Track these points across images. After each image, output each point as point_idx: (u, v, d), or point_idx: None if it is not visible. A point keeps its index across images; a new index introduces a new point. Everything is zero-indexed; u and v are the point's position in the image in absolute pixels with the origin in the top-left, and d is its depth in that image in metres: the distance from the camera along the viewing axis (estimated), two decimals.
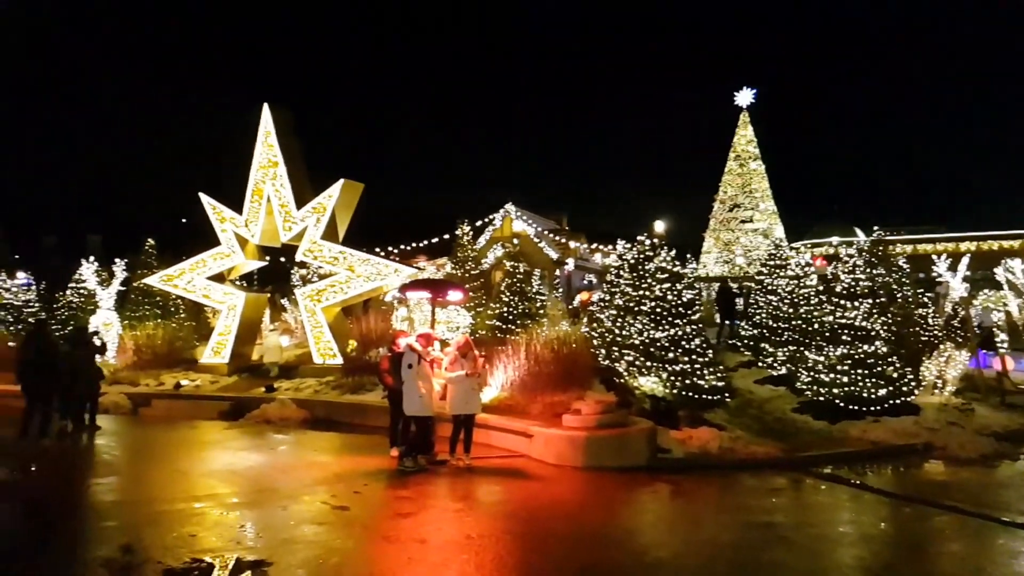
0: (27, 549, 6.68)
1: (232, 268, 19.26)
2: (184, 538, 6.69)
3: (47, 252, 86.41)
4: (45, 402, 12.34)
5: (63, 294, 24.67)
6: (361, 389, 15.49)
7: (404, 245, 37.12)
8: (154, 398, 16.68)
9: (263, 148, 18.64)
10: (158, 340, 19.79)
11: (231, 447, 12.18)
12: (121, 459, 11.57)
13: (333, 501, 8.23)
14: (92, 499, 8.85)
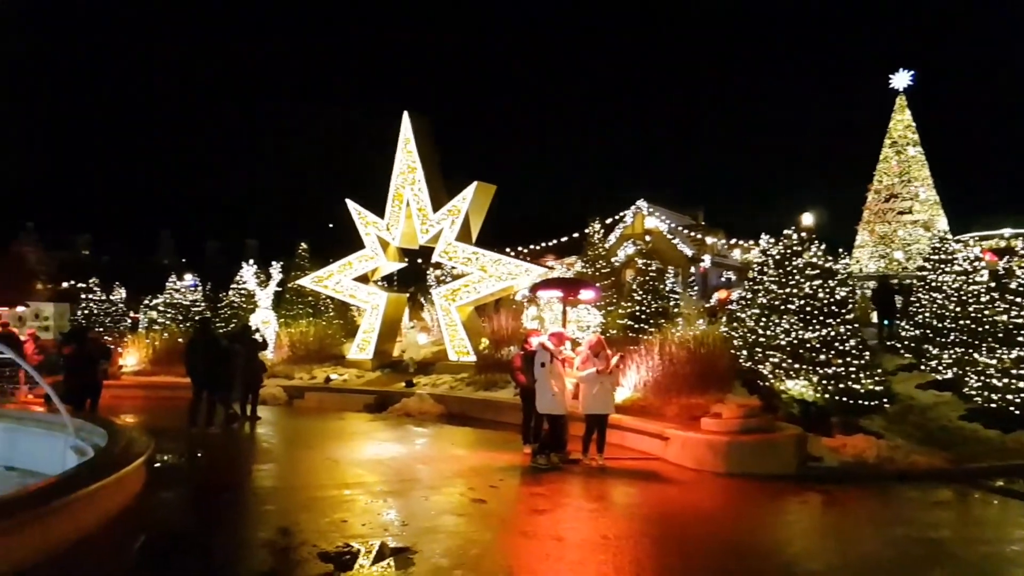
0: (197, 528, 7.31)
1: (375, 269, 20.28)
2: (336, 523, 7.07)
3: (211, 256, 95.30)
4: (211, 393, 13.48)
5: (226, 294, 26.92)
6: (493, 386, 15.78)
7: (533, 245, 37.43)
8: (307, 391, 17.84)
9: (403, 155, 19.47)
10: (310, 337, 21.22)
11: (376, 438, 12.78)
12: (278, 447, 12.47)
13: (471, 494, 8.41)
14: (253, 484, 9.57)
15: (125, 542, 6.48)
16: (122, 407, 15.41)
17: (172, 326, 24.49)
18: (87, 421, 10.21)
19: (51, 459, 10.26)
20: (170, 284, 26.72)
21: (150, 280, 45.75)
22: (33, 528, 5.54)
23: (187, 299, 26.33)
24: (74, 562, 5.78)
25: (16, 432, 11.80)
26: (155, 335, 22.93)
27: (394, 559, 6.01)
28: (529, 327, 16.71)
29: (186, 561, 6.07)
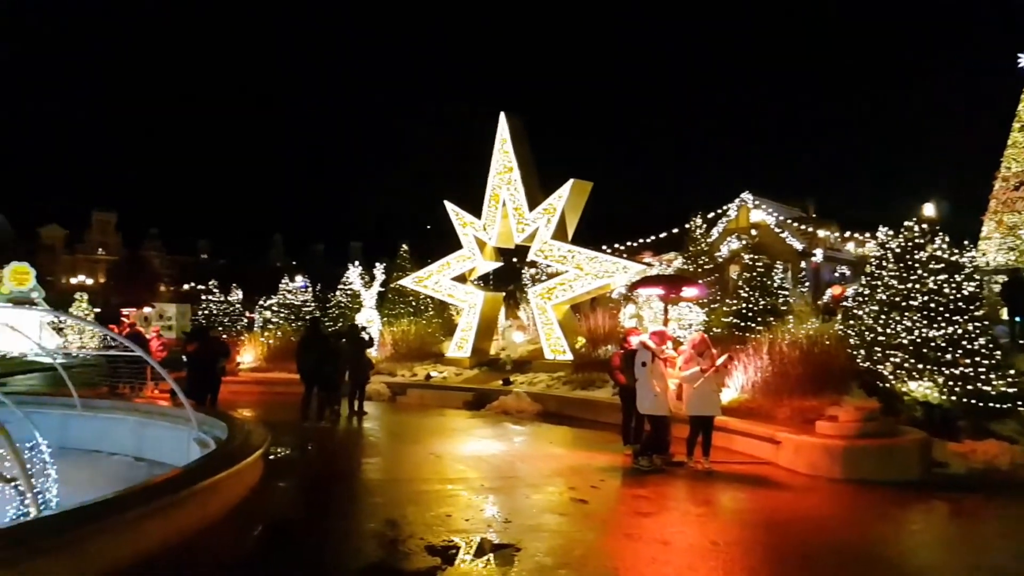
0: (311, 518, 7.60)
1: (472, 269, 20.57)
2: (441, 517, 7.18)
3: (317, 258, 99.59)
4: (321, 389, 14.03)
5: (333, 295, 28.06)
6: (591, 385, 15.65)
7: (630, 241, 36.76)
8: (408, 387, 18.32)
9: (499, 155, 19.65)
10: (411, 335, 21.80)
11: (476, 435, 12.93)
12: (384, 441, 12.83)
13: (572, 493, 8.33)
14: (362, 476, 9.89)
15: (245, 530, 6.83)
16: (239, 402, 16.30)
17: (285, 325, 25.75)
18: (208, 415, 10.84)
19: (176, 451, 10.98)
20: (282, 285, 28.12)
21: (263, 282, 48.37)
22: (164, 515, 5.91)
23: (298, 299, 27.61)
24: (200, 548, 6.12)
25: (145, 426, 12.71)
26: (269, 334, 24.18)
27: (499, 555, 6.03)
28: (627, 326, 16.44)
29: (301, 549, 6.31)
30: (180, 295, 74.01)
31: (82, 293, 49.26)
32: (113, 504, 5.50)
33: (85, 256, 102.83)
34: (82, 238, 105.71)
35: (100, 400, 14.40)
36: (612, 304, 21.81)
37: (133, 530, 5.49)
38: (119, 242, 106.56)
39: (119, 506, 5.50)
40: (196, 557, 5.95)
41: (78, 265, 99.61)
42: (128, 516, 5.42)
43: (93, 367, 19.73)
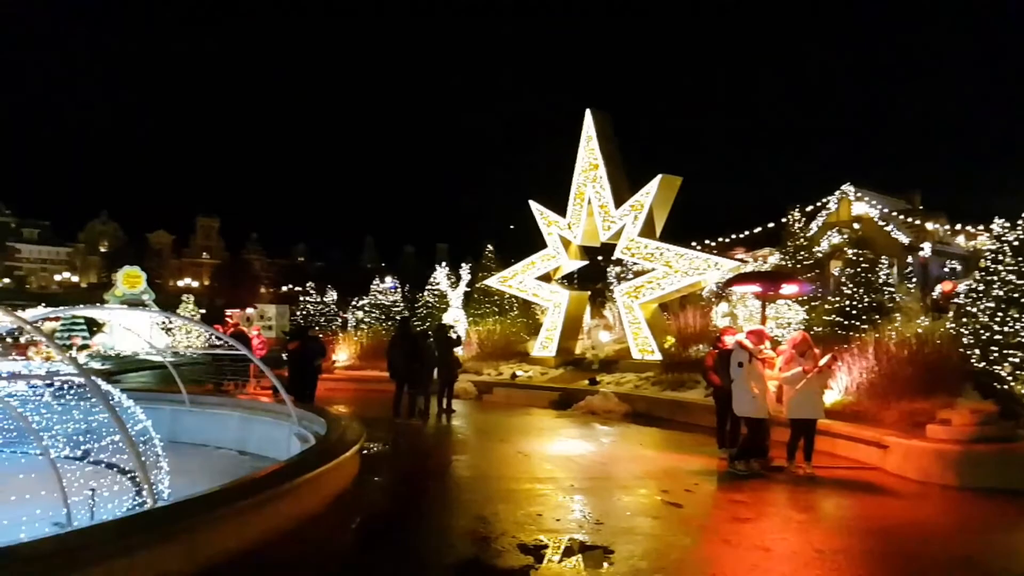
0: (406, 512, 7.74)
1: (557, 268, 20.51)
2: (532, 516, 7.16)
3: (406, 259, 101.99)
4: (412, 387, 14.31)
5: (421, 295, 28.64)
6: (681, 386, 15.28)
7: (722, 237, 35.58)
8: (495, 386, 18.44)
9: (585, 152, 19.50)
10: (496, 335, 21.96)
11: (563, 435, 12.86)
12: (472, 439, 12.95)
13: (665, 496, 8.14)
14: (452, 473, 10.00)
15: (345, 522, 7.04)
16: (334, 398, 16.83)
17: (376, 325, 26.49)
18: (308, 411, 11.23)
19: (278, 445, 11.42)
20: (373, 287, 28.93)
21: (355, 283, 49.94)
22: (269, 507, 6.14)
23: (388, 300, 28.32)
24: (303, 538, 6.34)
25: (248, 421, 13.29)
26: (362, 333, 24.93)
27: (591, 557, 5.95)
28: (720, 324, 15.96)
29: (398, 543, 6.43)
30: (279, 296, 77.38)
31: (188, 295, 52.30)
32: (221, 496, 5.76)
33: (191, 260, 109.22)
34: (188, 243, 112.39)
35: (207, 396, 15.15)
36: (703, 302, 21.25)
37: (240, 520, 5.72)
38: (222, 246, 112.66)
39: (227, 498, 5.76)
40: (299, 547, 6.16)
41: (184, 268, 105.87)
42: (235, 507, 5.66)
43: (200, 365, 20.88)
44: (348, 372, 22.19)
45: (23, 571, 4.00)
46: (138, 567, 4.74)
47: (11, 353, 18.57)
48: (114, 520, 5.86)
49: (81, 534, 4.83)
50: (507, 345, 21.86)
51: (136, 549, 4.78)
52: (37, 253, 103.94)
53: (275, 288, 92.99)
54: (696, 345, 16.66)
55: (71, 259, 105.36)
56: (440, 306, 26.13)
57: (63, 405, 7.69)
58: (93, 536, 4.71)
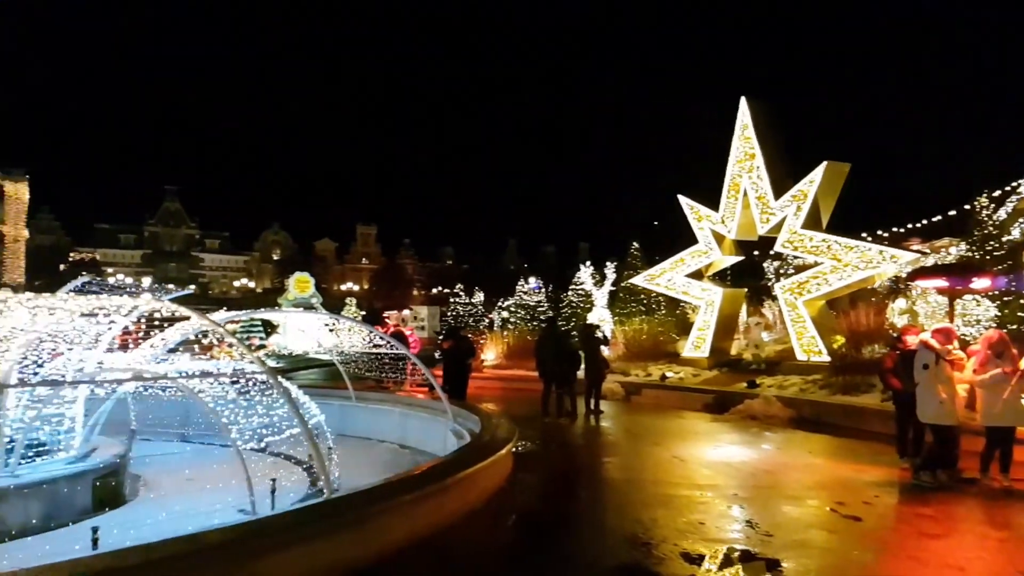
0: (562, 512, 7.70)
1: (709, 264, 19.74)
2: (694, 524, 6.86)
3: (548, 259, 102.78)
4: (559, 386, 14.31)
5: (565, 295, 28.69)
6: (853, 389, 14.16)
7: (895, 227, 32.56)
8: (643, 387, 18.06)
9: (740, 142, 18.64)
10: (643, 335, 21.52)
11: (721, 440, 12.31)
12: (622, 441, 12.73)
13: (840, 508, 7.52)
14: (605, 475, 9.86)
15: (501, 519, 7.11)
16: (484, 396, 17.20)
17: (521, 325, 26.85)
18: (462, 408, 11.52)
19: (434, 440, 11.81)
20: (518, 287, 29.38)
21: (499, 284, 51.06)
22: (433, 500, 6.32)
23: (532, 300, 28.64)
24: (463, 533, 6.47)
25: (407, 417, 13.85)
26: (508, 333, 25.38)
27: (761, 570, 5.59)
28: (898, 322, 14.62)
29: (554, 543, 6.39)
30: (430, 298, 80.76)
31: (351, 298, 55.94)
32: (391, 488, 6.00)
33: (351, 266, 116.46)
34: (349, 249, 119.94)
35: (370, 393, 15.99)
36: (876, 298, 19.58)
37: (408, 512, 5.93)
38: (379, 252, 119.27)
39: (396, 490, 5.98)
40: (460, 541, 6.29)
41: (346, 274, 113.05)
42: (403, 500, 5.87)
43: (362, 363, 22.12)
44: (495, 371, 22.66)
45: (213, 556, 4.34)
46: (316, 554, 5.02)
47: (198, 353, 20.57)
48: (294, 509, 6.27)
49: (264, 522, 5.18)
50: (655, 345, 21.37)
51: (314, 537, 5.06)
52: (218, 262, 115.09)
53: (426, 290, 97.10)
54: (870, 345, 15.39)
55: (248, 266, 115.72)
56: (584, 306, 26.02)
57: (248, 401, 8.34)
58: (276, 524, 5.03)
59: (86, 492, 8.76)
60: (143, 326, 9.52)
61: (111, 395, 10.00)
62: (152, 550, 4.01)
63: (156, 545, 4.08)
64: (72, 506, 8.47)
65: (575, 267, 28.13)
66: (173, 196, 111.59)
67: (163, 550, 4.06)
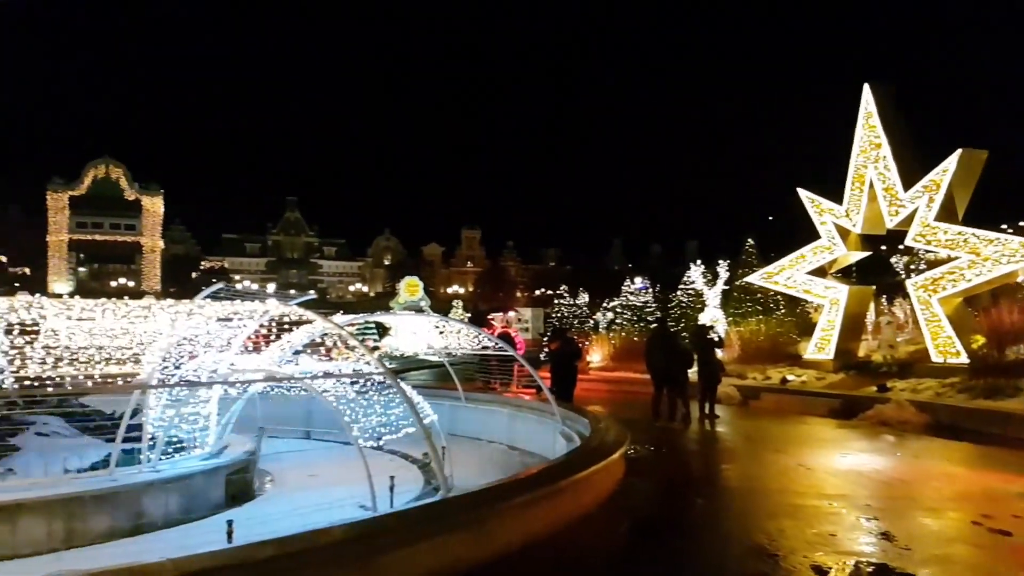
0: (676, 519, 7.45)
1: (832, 261, 18.69)
2: (824, 536, 6.45)
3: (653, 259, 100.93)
4: (670, 389, 13.93)
5: (674, 295, 27.98)
6: (997, 393, 13.03)
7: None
8: (762, 391, 17.30)
9: (864, 131, 17.58)
10: (760, 335, 20.64)
11: (849, 447, 11.58)
12: (741, 447, 12.22)
13: (986, 522, 6.87)
14: (723, 482, 9.48)
15: (615, 524, 6.96)
16: (590, 398, 17.02)
17: (628, 326, 26.43)
18: (570, 410, 11.43)
19: (543, 442, 11.78)
20: (624, 287, 28.95)
21: (603, 285, 50.60)
22: (548, 502, 6.27)
23: (639, 301, 28.14)
24: (577, 537, 6.37)
25: (515, 418, 13.92)
26: (614, 334, 25.05)
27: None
28: None
29: (674, 551, 6.19)
30: (533, 300, 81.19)
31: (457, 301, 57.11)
32: (508, 489, 6.00)
33: (457, 269, 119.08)
34: (454, 253, 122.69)
35: (478, 393, 16.21)
36: (1022, 295, 17.87)
37: (522, 514, 5.90)
38: (483, 255, 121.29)
39: (511, 491, 5.98)
40: (574, 544, 6.20)
41: (452, 277, 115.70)
42: (518, 501, 5.85)
43: (470, 365, 22.46)
44: (602, 373, 22.42)
45: (341, 550, 4.47)
46: (436, 552, 5.08)
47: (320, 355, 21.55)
48: (416, 507, 6.40)
49: (389, 519, 5.30)
50: (774, 347, 20.44)
51: (434, 535, 5.12)
52: (335, 268, 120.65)
53: (529, 292, 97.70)
54: (1015, 345, 14.08)
55: (361, 272, 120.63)
56: (695, 306, 25.27)
57: (368, 400, 8.62)
58: (399, 522, 5.14)
59: (219, 487, 9.33)
60: (275, 329, 10.04)
61: (242, 395, 10.60)
62: (284, 543, 4.17)
63: (288, 539, 4.25)
64: (207, 500, 9.05)
65: (683, 266, 27.46)
66: (294, 206, 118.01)
67: (294, 544, 4.22)
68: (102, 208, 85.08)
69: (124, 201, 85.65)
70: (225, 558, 3.96)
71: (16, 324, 7.88)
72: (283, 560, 4.05)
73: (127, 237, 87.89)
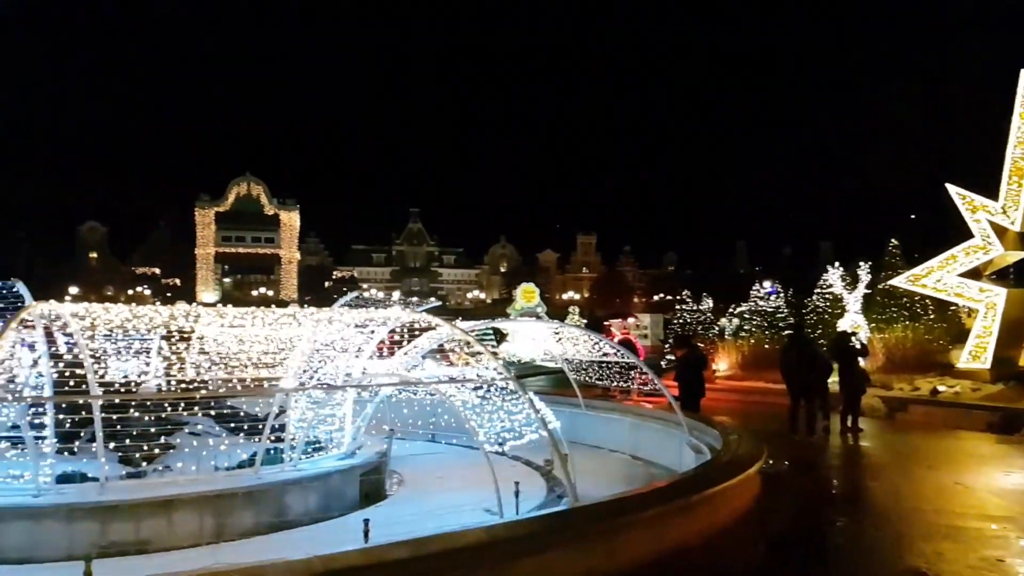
0: (820, 539, 7.00)
1: (988, 262, 17.05)
2: (991, 562, 5.86)
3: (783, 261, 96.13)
4: (808, 400, 13.12)
5: (809, 299, 26.47)
6: None
7: None
8: (910, 403, 16.01)
9: (1021, 120, 15.94)
10: (907, 343, 19.14)
11: (1013, 465, 10.46)
12: (888, 463, 11.34)
13: None
14: (869, 500, 8.84)
15: (752, 542, 6.60)
16: (718, 409, 16.34)
17: (757, 333, 25.27)
18: (699, 421, 11.01)
19: (668, 453, 11.43)
20: (752, 292, 27.73)
21: (727, 289, 48.81)
22: (679, 517, 6.05)
23: (769, 306, 26.86)
24: (711, 555, 6.09)
25: (638, 427, 13.59)
26: (743, 341, 24.02)
27: None
28: None
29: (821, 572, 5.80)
30: (651, 306, 79.63)
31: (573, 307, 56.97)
32: (637, 501, 5.84)
33: (572, 275, 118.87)
34: (569, 259, 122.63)
35: (598, 401, 15.98)
36: None
37: (653, 528, 5.73)
38: (598, 261, 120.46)
39: (642, 503, 5.81)
40: (707, 562, 5.94)
41: (567, 283, 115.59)
42: (649, 514, 5.67)
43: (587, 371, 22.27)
44: (729, 382, 21.53)
45: (475, 555, 4.49)
46: (566, 561, 5.01)
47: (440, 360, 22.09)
48: (545, 515, 6.36)
49: (517, 526, 5.29)
50: (922, 355, 18.89)
51: (565, 545, 5.06)
52: (454, 275, 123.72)
53: (647, 297, 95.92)
54: None
55: (479, 279, 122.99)
56: (833, 311, 23.76)
57: (492, 405, 8.69)
58: (531, 529, 5.11)
59: (354, 486, 9.70)
60: (405, 335, 10.36)
61: (373, 398, 11.00)
62: (421, 545, 4.24)
63: (424, 540, 4.31)
64: (342, 499, 9.42)
65: (816, 268, 25.95)
66: (416, 217, 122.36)
67: (430, 546, 4.28)
68: (244, 223, 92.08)
69: (264, 216, 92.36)
70: (368, 557, 4.08)
71: (175, 331, 8.56)
72: (419, 562, 4.12)
73: (267, 249, 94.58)
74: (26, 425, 8.12)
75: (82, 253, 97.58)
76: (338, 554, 3.95)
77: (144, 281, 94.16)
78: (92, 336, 8.51)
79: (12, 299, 9.08)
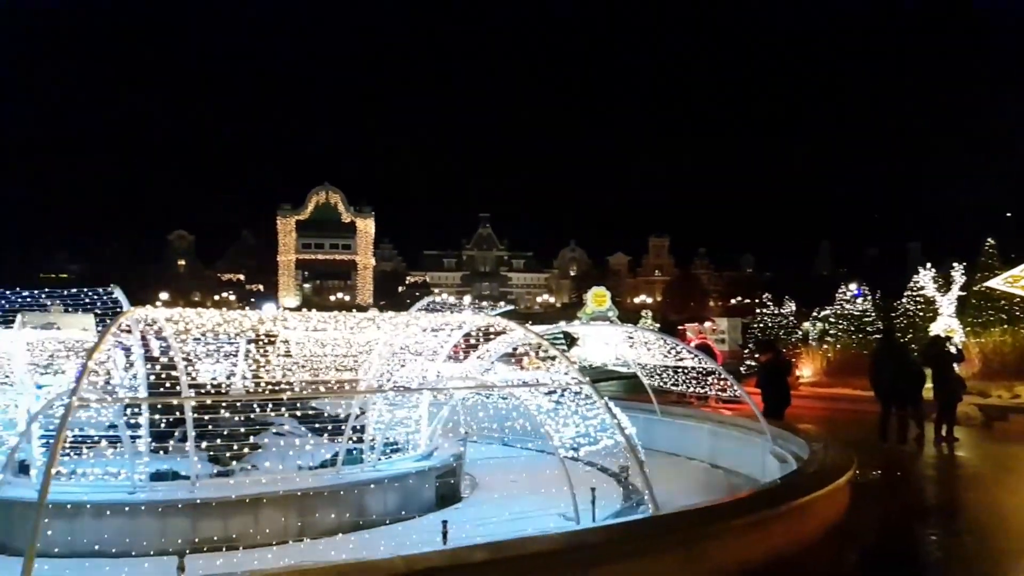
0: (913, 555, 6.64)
1: None
2: None
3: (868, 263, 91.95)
4: (900, 408, 12.49)
5: (899, 302, 25.19)
6: None
7: None
8: (1009, 412, 15.07)
9: None
10: (1005, 348, 17.99)
11: None
12: (987, 474, 10.69)
13: None
14: (966, 514, 8.36)
15: (843, 556, 6.33)
16: (802, 416, 15.71)
17: (844, 337, 24.25)
18: (783, 429, 10.60)
19: (750, 461, 11.05)
20: (838, 295, 26.61)
21: (809, 292, 47.02)
22: (765, 528, 5.83)
23: (856, 309, 25.72)
24: (799, 568, 5.84)
25: (717, 434, 13.20)
26: (828, 346, 23.10)
27: None
28: None
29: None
30: (728, 309, 77.55)
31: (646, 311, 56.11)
32: (720, 510, 5.67)
33: (644, 278, 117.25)
34: (641, 262, 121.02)
35: (674, 407, 15.61)
36: None
37: (737, 538, 5.54)
38: (671, 263, 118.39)
39: (725, 513, 5.63)
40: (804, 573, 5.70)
41: (639, 286, 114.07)
42: (734, 524, 5.49)
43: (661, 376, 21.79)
44: (814, 389, 20.68)
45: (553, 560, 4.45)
46: (645, 570, 4.90)
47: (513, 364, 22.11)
48: (625, 522, 6.25)
49: (596, 532, 5.22)
50: (1022, 361, 17.72)
51: (643, 553, 4.95)
52: (523, 280, 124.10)
53: (723, 301, 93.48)
54: None
55: (548, 283, 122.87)
56: (925, 315, 22.52)
57: (566, 410, 8.61)
58: (608, 536, 5.02)
59: (430, 488, 9.80)
60: (481, 339, 10.42)
61: (448, 401, 11.09)
62: (500, 548, 4.23)
63: (503, 544, 4.30)
64: (419, 500, 9.52)
65: (905, 270, 24.68)
66: (485, 223, 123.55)
67: (509, 550, 4.26)
68: (323, 230, 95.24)
69: (341, 223, 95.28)
70: (449, 558, 4.10)
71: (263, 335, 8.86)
72: (500, 564, 4.11)
73: (343, 256, 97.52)
74: (123, 425, 8.55)
75: (171, 260, 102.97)
76: (420, 555, 3.98)
77: (229, 287, 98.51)
78: (184, 340, 8.89)
79: (110, 304, 9.61)
